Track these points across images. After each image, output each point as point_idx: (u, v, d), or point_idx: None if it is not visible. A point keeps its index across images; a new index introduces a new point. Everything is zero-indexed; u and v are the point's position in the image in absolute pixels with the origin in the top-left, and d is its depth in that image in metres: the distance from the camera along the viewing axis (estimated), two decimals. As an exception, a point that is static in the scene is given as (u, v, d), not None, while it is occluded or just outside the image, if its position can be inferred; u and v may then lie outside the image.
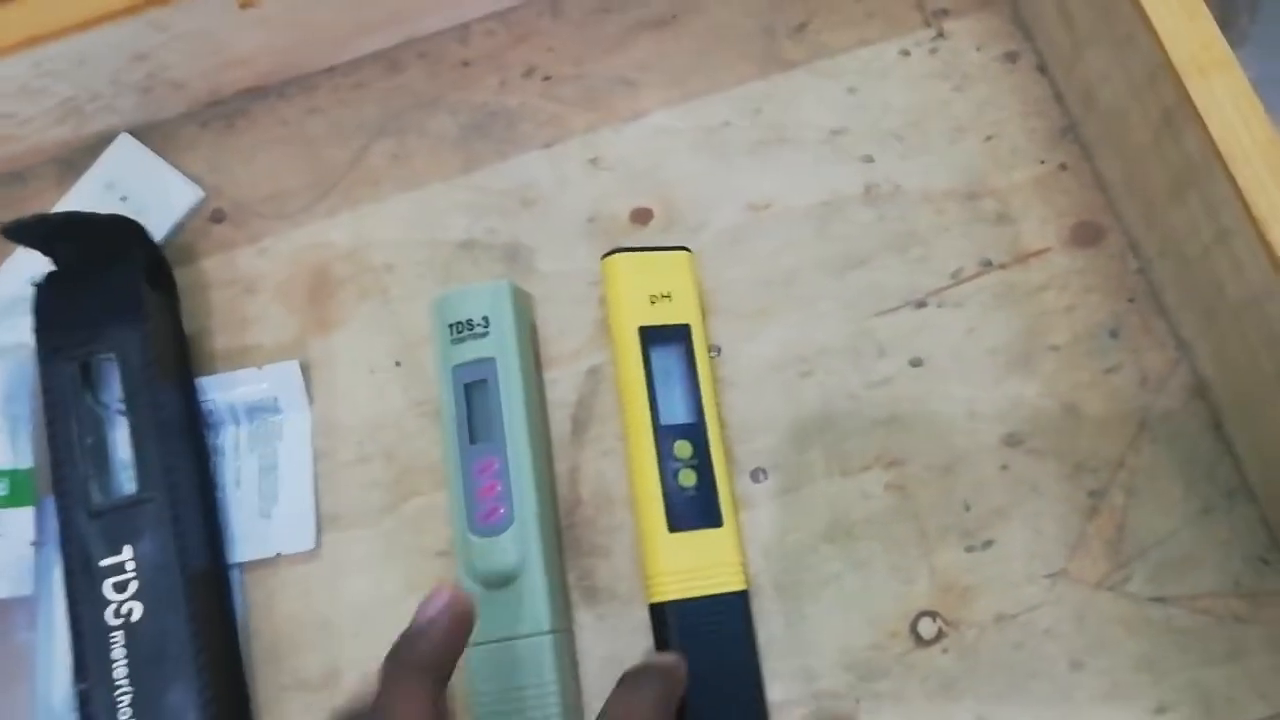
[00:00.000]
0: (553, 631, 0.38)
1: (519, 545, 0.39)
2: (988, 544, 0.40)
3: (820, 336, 0.44)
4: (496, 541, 0.39)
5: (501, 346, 0.41)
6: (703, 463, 0.40)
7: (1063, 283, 0.44)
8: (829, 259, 0.45)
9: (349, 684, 0.42)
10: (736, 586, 0.39)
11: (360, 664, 0.42)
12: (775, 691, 0.39)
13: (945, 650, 0.39)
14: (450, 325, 0.42)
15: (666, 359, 0.41)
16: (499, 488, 0.40)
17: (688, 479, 0.39)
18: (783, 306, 0.45)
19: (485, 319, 0.42)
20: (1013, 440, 0.41)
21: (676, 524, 0.39)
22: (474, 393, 0.41)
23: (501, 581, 0.39)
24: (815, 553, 0.41)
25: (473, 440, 0.40)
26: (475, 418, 0.41)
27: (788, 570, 0.41)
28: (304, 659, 0.43)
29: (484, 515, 0.39)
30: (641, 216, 0.47)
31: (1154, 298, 0.43)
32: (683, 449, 0.40)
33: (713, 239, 0.46)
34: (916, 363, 0.43)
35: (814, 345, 0.44)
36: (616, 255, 0.42)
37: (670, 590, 0.38)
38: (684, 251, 0.43)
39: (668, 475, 0.39)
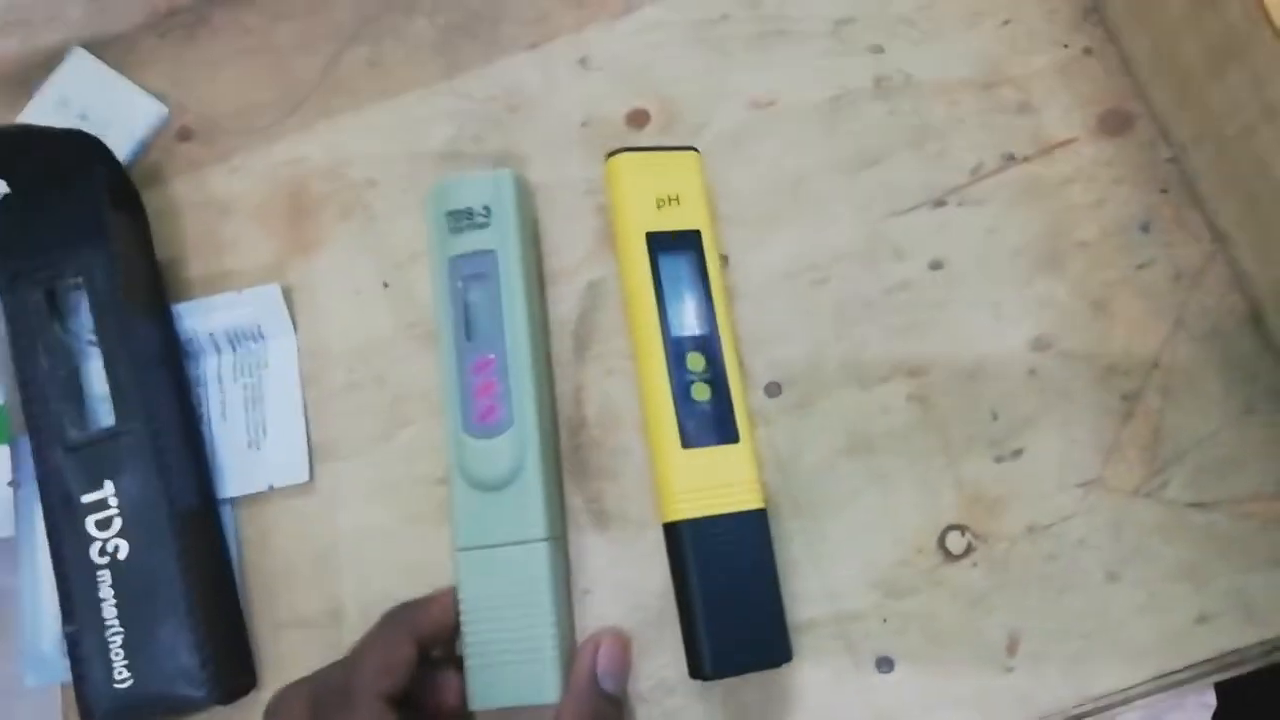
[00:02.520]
0: (548, 539, 0.36)
1: (517, 447, 0.37)
2: (1017, 453, 0.38)
3: (833, 241, 0.41)
4: (493, 443, 0.37)
5: (503, 238, 0.39)
6: (717, 376, 0.37)
7: (1090, 175, 0.41)
8: (839, 158, 0.42)
9: (351, 620, 0.40)
10: (754, 505, 0.37)
11: (361, 598, 0.40)
12: (799, 613, 0.38)
13: (975, 564, 0.37)
14: (448, 214, 0.39)
15: (676, 267, 0.38)
16: (497, 387, 0.37)
17: (701, 393, 0.37)
18: (792, 211, 0.42)
19: (486, 209, 0.39)
20: (1040, 344, 0.39)
21: (690, 440, 0.37)
22: (472, 286, 0.38)
23: (496, 485, 0.37)
24: (835, 469, 0.39)
25: (469, 337, 0.38)
26: (473, 313, 0.38)
27: (806, 489, 0.39)
28: (302, 594, 0.41)
29: (481, 415, 0.37)
30: (638, 119, 0.44)
31: (1188, 187, 0.40)
32: (695, 361, 0.37)
33: (714, 140, 0.43)
34: (936, 265, 0.41)
35: (827, 251, 0.41)
36: (621, 155, 0.39)
37: (685, 509, 0.36)
38: (692, 151, 0.40)
39: (680, 389, 0.37)
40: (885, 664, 0.37)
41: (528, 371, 0.38)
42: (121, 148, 0.46)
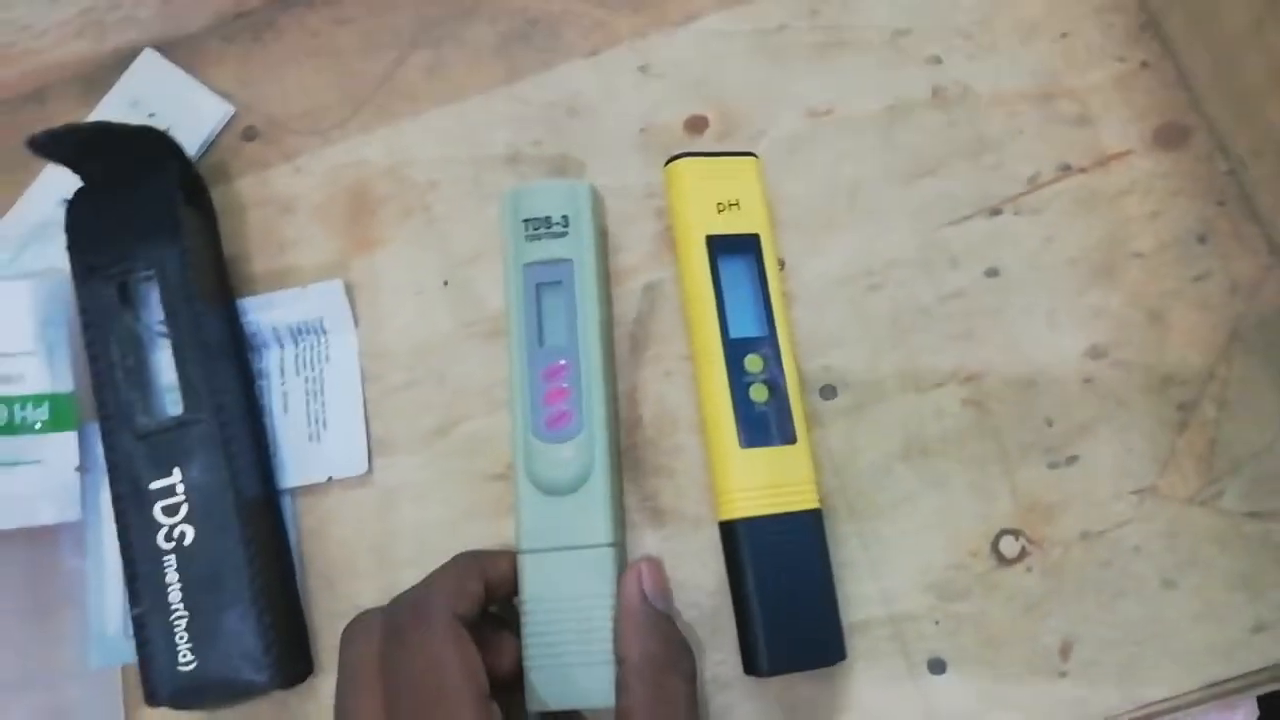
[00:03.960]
0: (613, 544, 0.37)
1: (586, 453, 0.37)
2: (1072, 460, 0.38)
3: (889, 248, 0.42)
4: (563, 448, 0.37)
5: (581, 248, 0.39)
6: (775, 377, 0.38)
7: (1146, 187, 0.41)
8: (896, 167, 0.43)
9: (406, 611, 0.41)
10: (810, 505, 0.37)
11: (418, 591, 0.41)
12: (853, 614, 0.38)
13: (1029, 569, 0.38)
14: (525, 221, 0.40)
15: (735, 269, 0.39)
16: (570, 393, 0.38)
17: (759, 394, 0.38)
18: (848, 218, 0.43)
19: (565, 218, 0.40)
20: (1096, 352, 0.40)
21: (748, 440, 0.37)
22: (546, 293, 0.39)
23: (563, 489, 0.37)
24: (890, 473, 0.39)
25: (542, 343, 0.39)
26: (546, 319, 0.39)
27: (862, 491, 0.39)
28: (359, 585, 0.41)
29: (551, 420, 0.38)
30: (696, 125, 0.45)
31: (1245, 201, 0.40)
32: (754, 363, 0.38)
33: (772, 148, 0.44)
34: (992, 273, 0.41)
35: (883, 257, 0.42)
36: (681, 160, 0.40)
37: (742, 507, 0.36)
38: (751, 157, 0.41)
39: (738, 390, 0.38)
40: (938, 666, 0.37)
41: (599, 379, 0.38)
42: (189, 145, 0.47)
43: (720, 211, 0.40)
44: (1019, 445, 0.39)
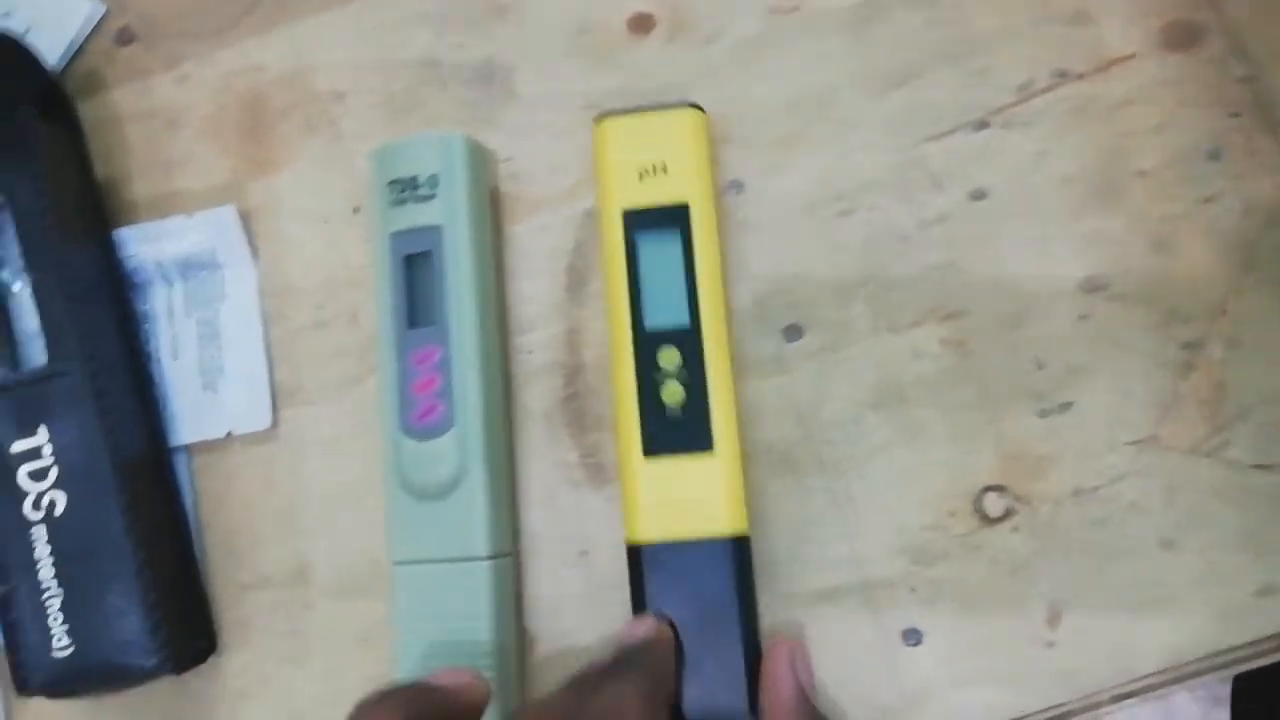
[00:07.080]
0: (493, 557, 0.32)
1: (459, 451, 0.33)
2: (1064, 407, 0.34)
3: (862, 167, 0.37)
4: (433, 445, 0.33)
5: (452, 213, 0.34)
6: (694, 375, 0.33)
7: (1151, 95, 0.36)
8: (870, 73, 0.38)
9: (321, 580, 0.36)
10: (729, 530, 0.32)
11: (330, 557, 0.36)
12: (821, 579, 0.34)
13: (1015, 529, 0.34)
14: (391, 184, 0.34)
15: (657, 248, 0.34)
16: (439, 382, 0.33)
17: (673, 394, 0.32)
18: (816, 132, 0.37)
19: (433, 178, 0.34)
20: (1093, 285, 0.35)
21: (655, 447, 0.32)
22: (416, 266, 0.34)
23: (436, 493, 0.33)
24: (861, 422, 0.35)
25: (412, 324, 0.34)
26: (417, 296, 0.34)
27: (830, 443, 0.35)
28: (266, 553, 0.37)
29: (420, 414, 0.33)
30: (641, 24, 0.39)
31: (1262, 111, 0.36)
32: (669, 358, 0.33)
33: (728, 51, 0.38)
34: (978, 195, 0.36)
35: (855, 178, 0.37)
36: (606, 121, 0.34)
37: (645, 529, 0.31)
38: (691, 110, 0.35)
39: (648, 389, 0.32)
40: (913, 636, 0.33)
41: (474, 365, 0.33)
42: (52, 51, 0.41)
43: (642, 179, 0.34)
44: (1005, 390, 0.35)
